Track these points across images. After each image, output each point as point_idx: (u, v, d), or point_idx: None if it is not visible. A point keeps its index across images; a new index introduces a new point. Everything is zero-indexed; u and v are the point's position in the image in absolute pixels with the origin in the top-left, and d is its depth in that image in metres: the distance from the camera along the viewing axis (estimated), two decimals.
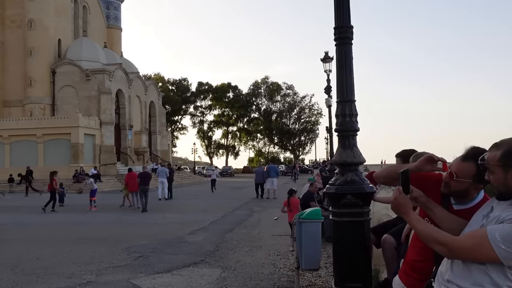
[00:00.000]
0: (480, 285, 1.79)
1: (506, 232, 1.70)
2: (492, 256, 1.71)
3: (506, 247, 1.68)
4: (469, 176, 2.04)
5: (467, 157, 2.05)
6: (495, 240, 1.70)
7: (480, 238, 1.74)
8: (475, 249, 1.75)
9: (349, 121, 3.78)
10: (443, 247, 1.83)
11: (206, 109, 78.57)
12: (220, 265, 7.51)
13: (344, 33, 3.79)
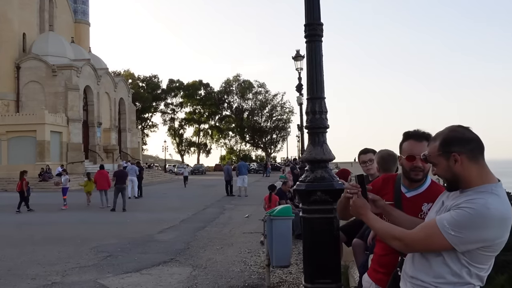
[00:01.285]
0: (442, 277, 1.82)
1: (453, 218, 1.73)
2: (445, 244, 1.74)
3: (455, 233, 1.71)
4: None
5: (422, 137, 2.24)
6: (444, 227, 1.73)
7: (431, 228, 1.78)
8: (428, 239, 1.78)
9: (319, 118, 3.80)
10: (398, 242, 1.87)
11: (177, 107, 77.80)
12: (191, 263, 7.44)
13: (314, 30, 3.80)
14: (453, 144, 1.80)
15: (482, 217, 1.68)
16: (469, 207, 1.70)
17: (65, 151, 35.47)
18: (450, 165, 1.81)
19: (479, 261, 1.77)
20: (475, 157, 1.79)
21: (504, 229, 1.72)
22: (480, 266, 1.78)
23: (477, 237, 1.70)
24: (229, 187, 22.02)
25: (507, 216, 1.72)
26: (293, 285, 5.95)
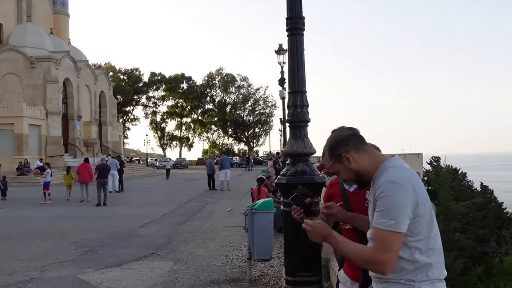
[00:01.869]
0: (401, 267, 1.82)
1: (381, 211, 1.77)
2: (398, 236, 1.76)
3: (393, 219, 1.74)
4: None
5: None
6: (384, 224, 1.76)
7: (378, 235, 1.78)
8: (387, 245, 1.76)
9: (300, 112, 3.80)
10: (373, 266, 1.81)
11: (159, 100, 77.15)
12: (172, 257, 7.40)
13: (296, 24, 3.79)
14: (338, 148, 1.92)
15: (395, 191, 1.75)
16: (383, 191, 1.77)
17: (44, 144, 34.87)
18: (346, 166, 1.91)
19: (416, 233, 1.79)
20: (360, 148, 1.92)
21: (418, 191, 1.79)
22: (417, 238, 1.80)
23: (405, 209, 1.74)
24: (212, 181, 21.97)
25: (409, 177, 1.81)
26: (275, 278, 5.98)
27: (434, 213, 1.92)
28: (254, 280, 5.93)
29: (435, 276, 1.82)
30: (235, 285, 5.76)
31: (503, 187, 62.32)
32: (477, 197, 28.95)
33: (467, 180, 39.04)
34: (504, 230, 22.82)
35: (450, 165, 41.64)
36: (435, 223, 1.86)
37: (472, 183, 38.90)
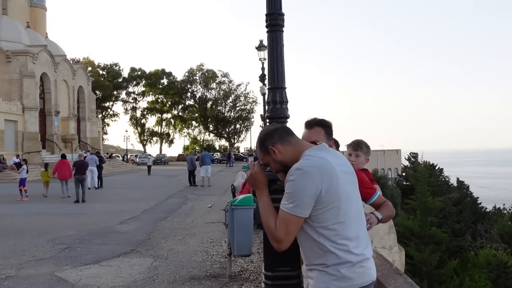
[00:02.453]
0: (313, 251, 1.94)
1: (286, 194, 1.91)
2: (294, 219, 1.87)
3: (292, 202, 1.87)
4: (321, 137, 2.52)
5: (313, 124, 2.57)
6: (284, 206, 1.89)
7: (280, 215, 1.91)
8: (284, 225, 1.88)
9: (280, 108, 3.81)
10: (271, 239, 1.94)
11: (139, 96, 76.39)
12: (152, 254, 7.37)
13: (275, 20, 3.80)
14: (265, 141, 2.04)
15: (299, 177, 1.86)
16: (290, 176, 1.90)
17: (21, 140, 34.16)
18: (273, 158, 2.03)
19: (323, 220, 1.89)
20: (286, 140, 2.03)
21: (327, 179, 1.87)
22: (323, 224, 1.89)
23: (307, 195, 1.84)
24: (192, 177, 21.90)
25: (318, 166, 1.88)
26: (254, 273, 6.02)
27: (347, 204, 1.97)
28: (234, 275, 5.96)
29: (347, 259, 1.89)
30: (215, 280, 5.77)
31: (479, 183, 63.91)
32: (454, 192, 29.66)
33: (444, 175, 39.79)
34: (479, 224, 23.45)
35: (427, 161, 42.34)
36: (351, 211, 1.93)
37: (448, 178, 39.73)
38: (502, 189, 61.63)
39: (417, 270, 11.35)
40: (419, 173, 13.40)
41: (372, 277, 1.97)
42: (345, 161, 2.05)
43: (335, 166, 1.92)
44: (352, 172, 2.05)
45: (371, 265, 1.98)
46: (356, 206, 1.99)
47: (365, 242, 1.98)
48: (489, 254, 15.29)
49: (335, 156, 2.00)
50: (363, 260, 1.93)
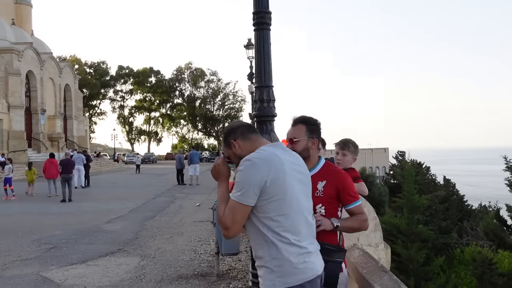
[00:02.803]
0: (258, 243, 2.05)
1: (235, 183, 2.02)
2: (240, 207, 1.99)
3: (239, 191, 1.99)
4: (302, 134, 2.53)
5: (296, 122, 2.58)
6: (233, 195, 2.02)
7: (229, 203, 2.04)
8: (231, 213, 2.00)
9: (267, 106, 3.82)
10: (221, 226, 2.07)
11: (127, 94, 75.86)
12: (139, 253, 7.32)
13: (262, 19, 3.80)
14: (228, 136, 2.22)
15: (247, 168, 1.99)
16: (240, 167, 2.04)
17: (6, 139, 33.67)
18: (234, 151, 2.19)
19: (267, 210, 2.00)
20: (246, 137, 2.19)
21: (273, 172, 1.98)
22: (267, 215, 2.00)
23: (252, 185, 1.96)
24: (180, 176, 21.81)
25: (266, 159, 2.01)
26: (242, 272, 6.01)
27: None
28: (222, 274, 5.95)
29: (288, 251, 1.99)
30: (203, 279, 5.76)
31: (465, 180, 64.62)
32: (440, 190, 29.84)
33: (431, 173, 39.88)
34: (465, 222, 23.67)
35: (414, 159, 42.46)
36: (295, 207, 2.04)
37: (435, 176, 39.86)
38: (487, 187, 62.42)
39: (404, 268, 11.46)
40: (406, 172, 13.51)
41: (317, 271, 2.06)
42: (300, 162, 2.18)
43: (284, 162, 2.04)
44: (305, 173, 2.18)
45: (315, 260, 2.08)
46: (302, 204, 2.09)
47: (308, 239, 2.08)
48: (474, 251, 15.49)
49: (288, 154, 2.14)
50: (305, 254, 2.02)
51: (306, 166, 2.23)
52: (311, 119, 2.61)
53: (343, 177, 2.50)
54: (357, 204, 2.49)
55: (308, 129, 2.55)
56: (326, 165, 2.57)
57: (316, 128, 2.58)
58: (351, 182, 2.55)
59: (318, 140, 2.59)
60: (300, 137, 2.53)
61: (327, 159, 3.66)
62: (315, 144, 2.55)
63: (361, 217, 2.49)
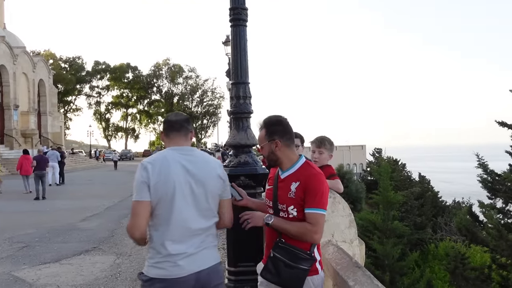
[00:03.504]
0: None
1: None
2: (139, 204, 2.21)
3: (134, 192, 2.21)
4: (263, 139, 2.46)
5: (260, 128, 2.52)
6: (132, 197, 2.25)
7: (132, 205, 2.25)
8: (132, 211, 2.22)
9: (243, 103, 3.80)
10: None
11: (103, 90, 74.70)
12: (115, 251, 7.23)
13: (239, 15, 3.77)
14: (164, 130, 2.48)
15: (138, 170, 2.23)
16: None
17: None
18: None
19: (152, 208, 2.21)
20: (167, 135, 2.46)
21: (154, 175, 2.19)
22: (153, 212, 2.22)
23: (140, 183, 2.19)
24: None
25: (153, 162, 2.24)
26: None
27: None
28: None
29: (159, 249, 2.22)
30: None
31: (440, 177, 65.96)
32: (416, 186, 30.37)
33: (407, 170, 40.53)
34: (440, 218, 24.18)
35: (391, 157, 43.10)
36: (178, 207, 2.21)
37: (411, 173, 40.56)
38: (461, 183, 63.85)
39: (380, 263, 11.62)
40: (382, 168, 13.69)
41: (186, 272, 2.19)
42: (195, 166, 2.30)
43: (171, 164, 2.24)
44: (199, 175, 2.29)
45: (189, 261, 2.21)
46: (189, 205, 2.25)
47: (189, 240, 2.23)
48: (448, 246, 15.85)
49: (184, 159, 2.29)
50: (177, 255, 2.19)
51: (202, 169, 2.32)
52: (270, 120, 2.47)
53: (315, 180, 2.29)
54: (313, 211, 2.23)
55: (267, 132, 2.42)
56: (304, 165, 2.39)
57: (276, 128, 2.42)
58: (323, 188, 2.28)
59: (281, 138, 2.40)
60: (262, 142, 2.46)
61: None
62: (278, 146, 2.40)
63: (307, 226, 2.24)
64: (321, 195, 2.26)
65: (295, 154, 2.46)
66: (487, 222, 11.62)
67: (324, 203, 2.29)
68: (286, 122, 2.48)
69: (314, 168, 2.37)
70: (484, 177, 12.08)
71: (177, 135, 2.41)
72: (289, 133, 2.47)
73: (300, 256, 2.27)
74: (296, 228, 2.28)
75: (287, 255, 2.29)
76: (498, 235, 10.83)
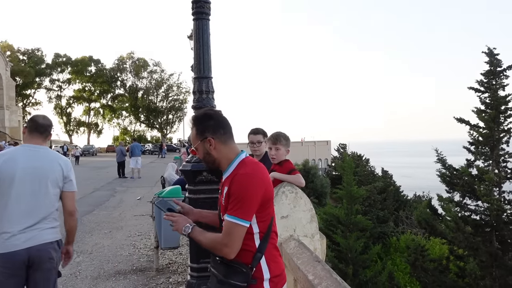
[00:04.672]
0: None
1: None
2: None
3: None
4: (195, 139, 2.07)
5: (190, 126, 2.11)
6: None
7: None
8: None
9: (206, 98, 3.75)
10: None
11: (65, 83, 72.55)
12: (75, 249, 6.94)
13: (202, 8, 3.72)
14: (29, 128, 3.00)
15: None
16: None
17: None
18: None
19: None
20: (30, 133, 2.95)
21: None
22: None
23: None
24: (122, 169, 21.21)
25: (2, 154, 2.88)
26: (182, 265, 5.94)
27: None
28: (162, 268, 5.84)
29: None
30: (142, 274, 5.62)
31: (401, 172, 67.78)
32: (379, 181, 31.10)
33: (370, 165, 41.52)
34: (401, 211, 24.89)
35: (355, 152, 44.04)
36: (13, 194, 2.76)
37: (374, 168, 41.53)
38: (421, 178, 65.84)
39: (343, 256, 11.84)
40: (346, 164, 13.93)
41: (18, 247, 2.72)
42: (38, 160, 2.85)
43: (18, 156, 2.81)
44: (41, 168, 2.86)
45: (22, 239, 2.73)
46: (26, 191, 2.78)
47: (25, 221, 2.76)
48: (408, 239, 16.33)
49: (30, 153, 2.87)
50: (11, 233, 2.72)
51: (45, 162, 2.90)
52: (197, 116, 2.10)
53: (236, 182, 1.91)
54: (227, 219, 1.90)
55: (198, 130, 2.05)
56: (239, 164, 2.01)
57: (206, 123, 2.05)
58: (242, 192, 1.88)
59: (214, 135, 2.03)
60: (195, 143, 2.08)
61: None
62: (212, 144, 2.02)
63: (218, 238, 1.95)
64: (238, 201, 1.87)
65: (233, 152, 2.06)
66: (445, 215, 12.03)
67: (243, 210, 1.87)
68: (217, 115, 2.09)
69: (244, 167, 1.96)
70: (443, 172, 12.49)
71: (39, 137, 2.93)
72: (223, 127, 2.07)
73: (236, 270, 1.92)
74: (208, 241, 1.99)
75: (223, 270, 1.96)
76: (456, 227, 11.23)
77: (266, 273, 1.94)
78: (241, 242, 1.89)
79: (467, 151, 12.41)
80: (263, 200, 1.92)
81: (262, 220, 1.94)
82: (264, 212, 1.94)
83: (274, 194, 3.72)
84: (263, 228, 1.95)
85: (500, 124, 11.76)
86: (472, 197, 11.63)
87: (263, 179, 1.94)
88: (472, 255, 11.11)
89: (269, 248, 1.97)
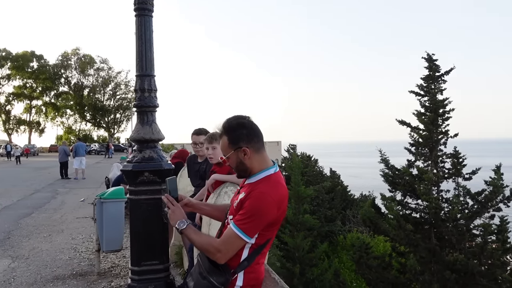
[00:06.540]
0: None
1: None
2: None
3: None
4: (227, 148, 2.11)
5: (219, 134, 2.19)
6: None
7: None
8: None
9: (148, 96, 3.65)
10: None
11: (4, 79, 68.75)
12: (10, 254, 6.66)
13: (144, 4, 3.61)
14: None
15: None
16: None
17: None
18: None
19: None
20: None
21: None
22: None
23: None
24: (64, 169, 20.39)
25: None
26: (126, 269, 5.77)
27: None
28: (104, 272, 5.64)
29: None
30: (82, 279, 5.40)
31: (349, 172, 69.74)
32: (327, 181, 31.85)
33: (319, 166, 42.43)
34: (348, 210, 25.60)
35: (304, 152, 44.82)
36: None
37: (323, 168, 42.52)
38: (367, 177, 68.02)
39: (291, 255, 11.98)
40: (294, 164, 14.13)
41: None
42: None
43: None
44: None
45: None
46: None
47: None
48: (354, 237, 16.81)
49: None
50: None
51: None
52: (230, 124, 2.13)
53: (252, 198, 1.98)
54: (230, 226, 2.00)
55: (230, 139, 2.11)
56: (264, 178, 2.06)
57: (239, 132, 2.09)
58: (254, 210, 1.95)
59: (249, 144, 2.08)
60: (227, 152, 2.12)
61: None
62: (247, 153, 2.07)
63: (213, 241, 2.04)
64: (248, 216, 1.94)
65: (266, 162, 2.11)
66: (388, 213, 12.46)
67: (250, 226, 1.95)
68: (250, 123, 2.11)
69: (266, 184, 2.02)
70: (386, 172, 12.93)
71: None
72: (257, 135, 2.11)
73: (219, 270, 2.02)
74: (202, 242, 2.07)
75: (208, 265, 2.05)
76: (398, 225, 11.67)
77: (240, 281, 2.03)
78: (235, 252, 1.99)
79: (408, 152, 12.93)
80: (271, 222, 1.99)
81: (260, 236, 2.01)
82: (266, 231, 2.01)
83: (217, 195, 3.70)
84: (258, 243, 2.02)
85: (438, 127, 12.34)
86: (412, 196, 12.13)
87: (278, 202, 1.99)
88: (412, 251, 11.59)
89: (255, 260, 2.04)
